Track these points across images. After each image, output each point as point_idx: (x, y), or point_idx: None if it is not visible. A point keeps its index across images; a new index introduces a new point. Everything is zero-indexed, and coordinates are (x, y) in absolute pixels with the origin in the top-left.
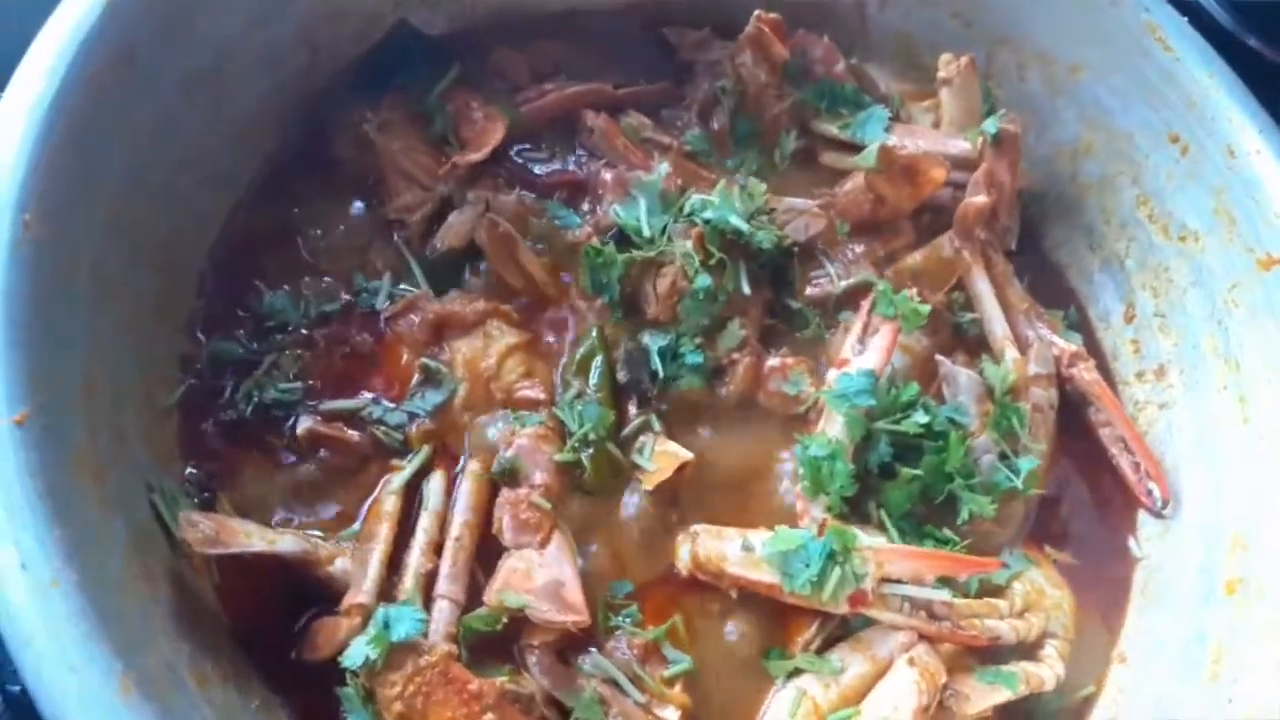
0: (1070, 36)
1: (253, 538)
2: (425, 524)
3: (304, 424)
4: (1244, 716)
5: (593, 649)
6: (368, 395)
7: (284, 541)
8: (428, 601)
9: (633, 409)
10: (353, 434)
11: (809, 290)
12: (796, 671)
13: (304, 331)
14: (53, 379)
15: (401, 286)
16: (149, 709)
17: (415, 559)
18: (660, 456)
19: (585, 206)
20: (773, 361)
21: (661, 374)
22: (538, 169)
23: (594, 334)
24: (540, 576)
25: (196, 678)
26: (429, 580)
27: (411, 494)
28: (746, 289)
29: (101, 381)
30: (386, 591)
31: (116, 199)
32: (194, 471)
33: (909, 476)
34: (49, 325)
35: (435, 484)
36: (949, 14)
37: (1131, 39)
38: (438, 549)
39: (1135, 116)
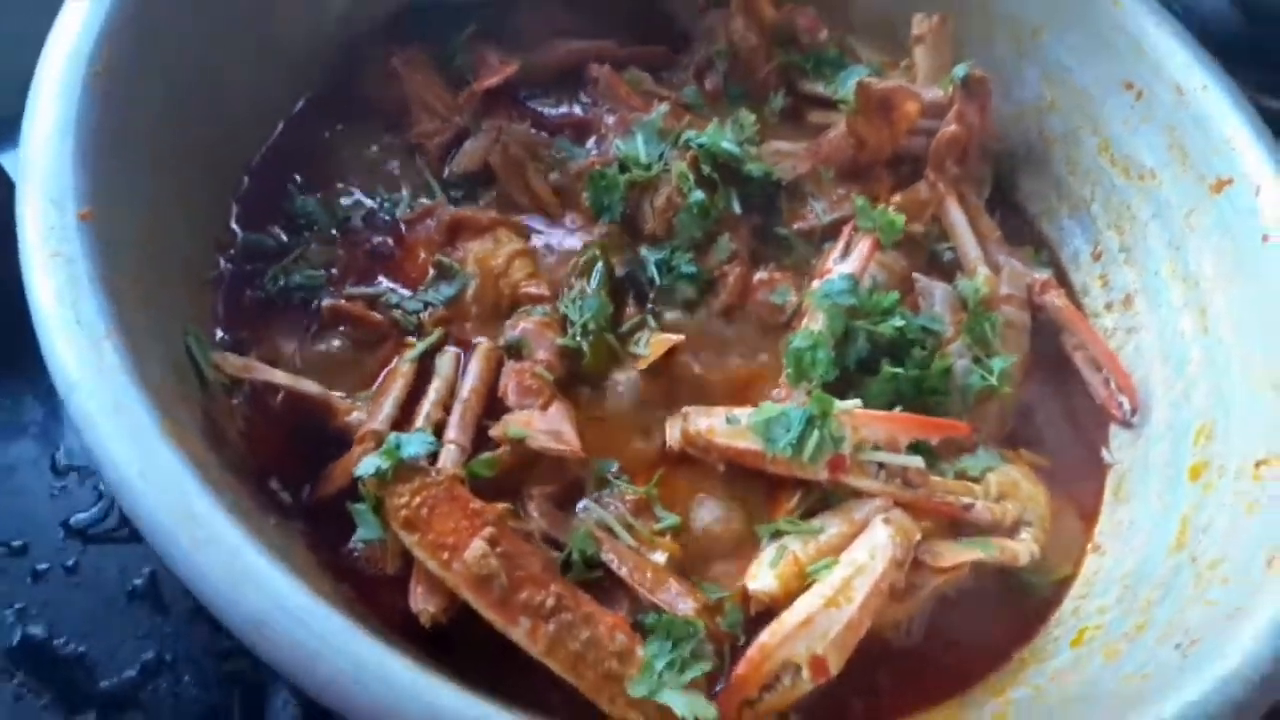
0: (1033, 1)
1: (277, 375)
2: (436, 385)
3: (328, 301)
4: (1206, 563)
5: (589, 501)
6: (387, 284)
7: (306, 383)
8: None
9: (631, 310)
10: (373, 313)
11: (797, 225)
12: (779, 534)
13: (332, 232)
14: (110, 199)
15: (420, 200)
16: (185, 455)
17: (426, 408)
18: (652, 344)
19: (590, 145)
20: (761, 274)
21: (658, 282)
22: (546, 111)
23: (596, 247)
24: (540, 426)
25: (223, 480)
26: (438, 429)
27: (424, 372)
28: (737, 208)
29: (150, 235)
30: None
31: (171, 94)
32: (225, 337)
33: (890, 374)
34: (110, 163)
35: (447, 358)
36: None
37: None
38: (446, 409)
39: (1092, 71)
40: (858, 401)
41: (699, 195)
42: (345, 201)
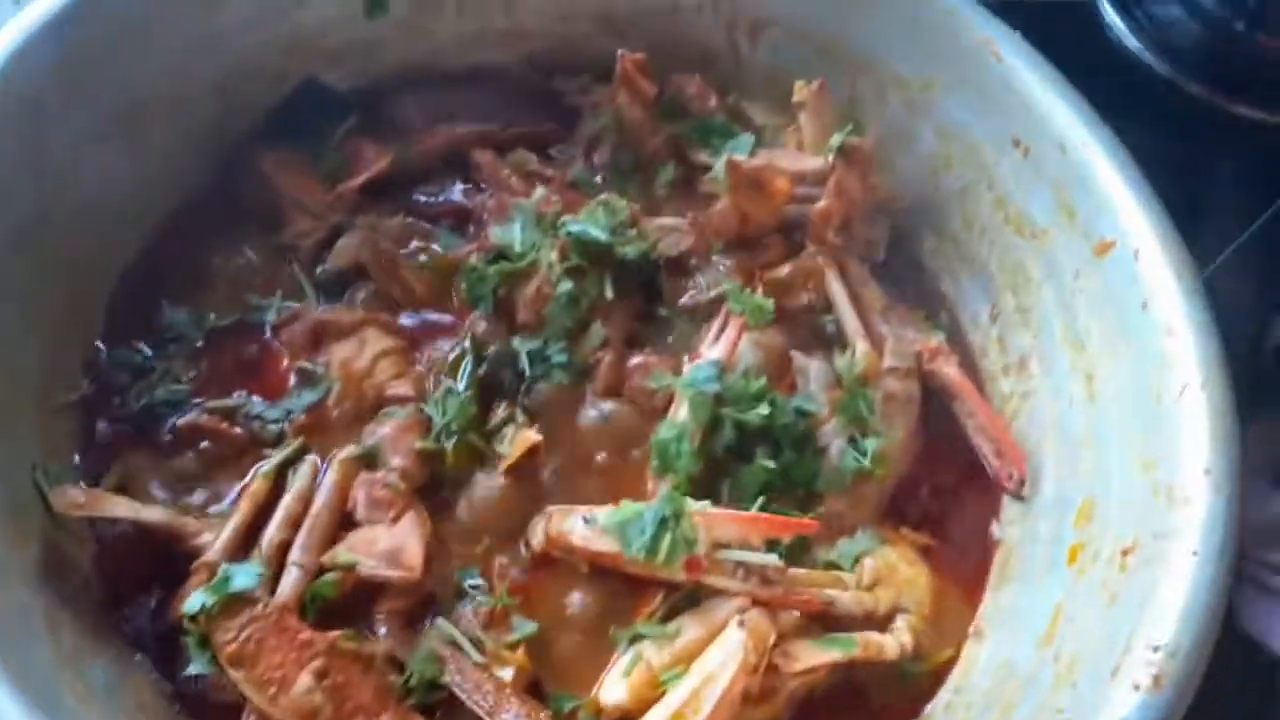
0: (920, 59)
1: (119, 507)
2: (287, 500)
3: (185, 417)
4: (1066, 662)
5: (440, 618)
6: (246, 394)
7: (150, 511)
8: (279, 570)
9: (502, 409)
10: (231, 428)
11: (681, 301)
12: (638, 638)
13: (199, 344)
14: None
15: (290, 302)
16: None
17: (271, 529)
18: (514, 443)
19: (470, 232)
20: (636, 360)
21: (529, 373)
22: (427, 200)
23: (467, 340)
24: (383, 544)
25: (48, 621)
26: (282, 550)
27: (283, 482)
28: (609, 294)
29: None
30: (239, 558)
31: (23, 218)
32: (80, 464)
33: (763, 467)
34: None
35: (304, 468)
36: (813, 50)
37: (971, 55)
38: (297, 524)
39: (982, 126)
40: (707, 502)
41: (567, 285)
42: (215, 310)
